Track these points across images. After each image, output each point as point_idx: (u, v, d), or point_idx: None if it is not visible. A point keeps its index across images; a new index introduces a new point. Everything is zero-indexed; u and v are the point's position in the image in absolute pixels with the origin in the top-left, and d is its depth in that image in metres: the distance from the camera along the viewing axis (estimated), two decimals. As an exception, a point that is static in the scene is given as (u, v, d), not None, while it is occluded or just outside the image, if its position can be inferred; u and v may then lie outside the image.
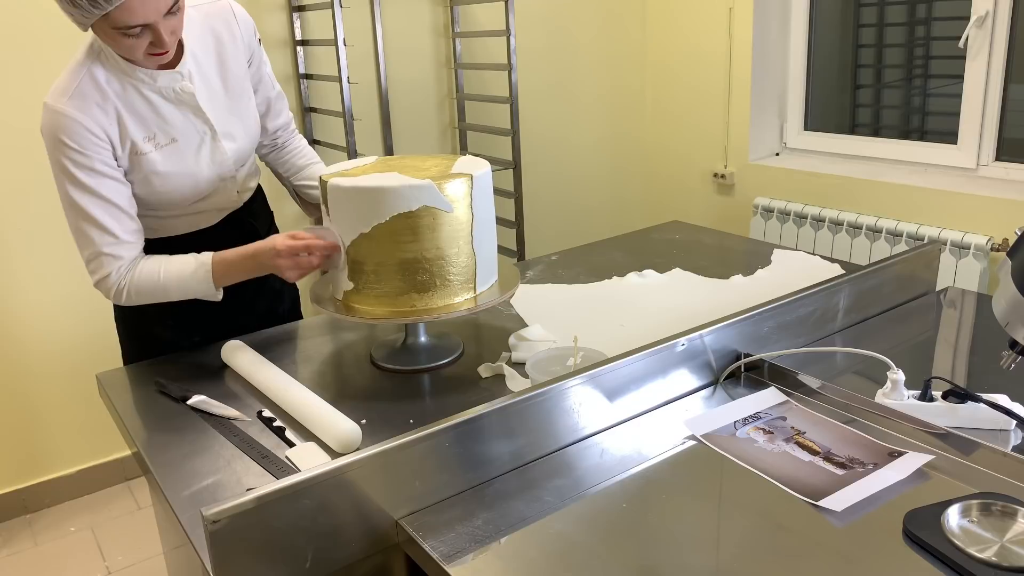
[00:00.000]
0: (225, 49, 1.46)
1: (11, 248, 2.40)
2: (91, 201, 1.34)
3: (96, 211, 1.35)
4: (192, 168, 1.43)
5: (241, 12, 1.49)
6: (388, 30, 2.90)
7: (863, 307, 1.54)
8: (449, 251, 1.30)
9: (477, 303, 1.33)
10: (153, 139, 1.38)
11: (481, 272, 1.36)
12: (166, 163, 1.40)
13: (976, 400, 1.13)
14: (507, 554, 0.93)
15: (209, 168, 1.45)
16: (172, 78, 1.37)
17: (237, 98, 1.49)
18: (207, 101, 1.43)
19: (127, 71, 1.34)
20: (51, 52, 2.33)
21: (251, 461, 1.14)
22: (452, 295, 1.33)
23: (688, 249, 2.01)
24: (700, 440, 1.14)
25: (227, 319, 1.58)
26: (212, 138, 1.44)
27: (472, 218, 1.31)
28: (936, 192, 2.67)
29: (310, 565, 0.95)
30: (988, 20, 2.58)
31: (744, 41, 3.16)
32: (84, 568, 2.34)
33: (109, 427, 2.67)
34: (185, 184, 1.43)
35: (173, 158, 1.40)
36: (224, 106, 1.46)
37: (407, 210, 1.26)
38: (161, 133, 1.39)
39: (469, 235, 1.32)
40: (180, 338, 1.55)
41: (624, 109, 3.60)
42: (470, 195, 1.30)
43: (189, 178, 1.43)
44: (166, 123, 1.39)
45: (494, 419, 1.06)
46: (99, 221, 1.35)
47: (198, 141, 1.43)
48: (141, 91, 1.36)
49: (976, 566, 0.84)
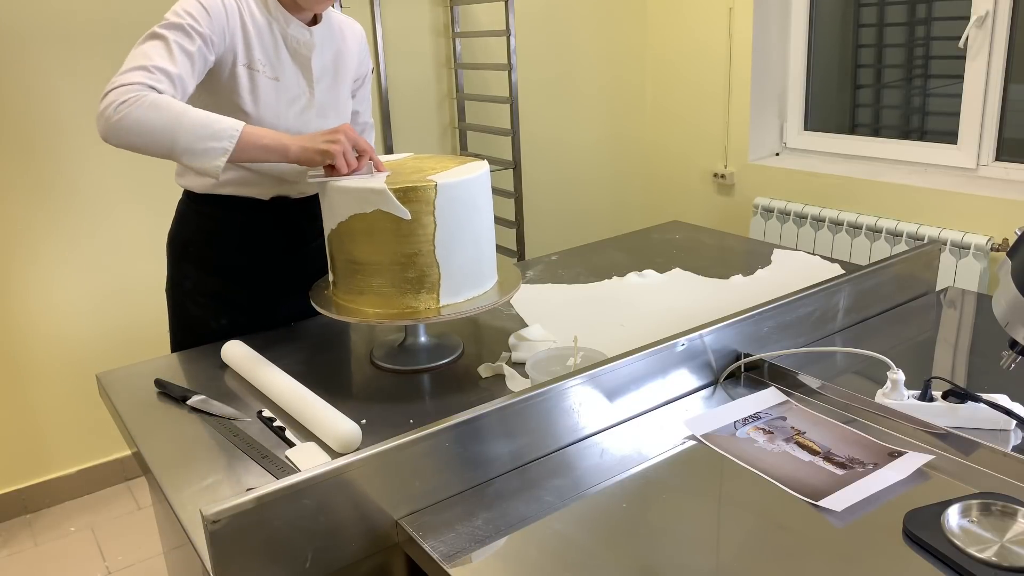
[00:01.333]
0: (344, 59, 1.59)
1: (12, 248, 2.40)
2: (180, 41, 1.33)
3: (177, 49, 1.33)
4: (281, 111, 1.49)
5: (366, 44, 1.67)
6: (388, 30, 2.90)
7: (863, 307, 1.54)
8: (404, 258, 1.28)
9: (440, 313, 1.30)
10: (264, 64, 1.46)
11: (448, 282, 1.31)
12: (263, 91, 1.46)
13: (976, 400, 1.13)
14: (507, 554, 0.93)
15: (295, 124, 1.51)
16: (301, 31, 1.49)
17: (339, 94, 1.59)
18: (318, 67, 1.53)
19: (270, 7, 1.46)
20: (52, 52, 2.33)
21: (251, 461, 1.14)
22: (409, 302, 1.31)
23: (688, 249, 2.01)
24: (700, 440, 1.14)
25: (258, 310, 1.63)
26: (308, 100, 1.53)
27: (436, 227, 1.28)
28: (936, 192, 2.67)
29: (310, 565, 0.95)
30: (988, 20, 2.58)
31: (744, 41, 3.16)
32: (84, 568, 2.34)
33: (109, 427, 2.67)
34: (268, 119, 1.48)
35: (270, 91, 1.47)
36: (329, 85, 1.56)
37: (361, 212, 1.27)
38: (270, 66, 1.47)
39: (431, 244, 1.28)
40: (209, 317, 1.60)
41: (624, 109, 3.60)
42: (434, 204, 1.27)
43: (274, 117, 1.49)
44: (280, 62, 1.48)
45: (494, 419, 1.06)
46: (174, 53, 1.32)
47: (296, 93, 1.51)
48: (272, 28, 1.46)
49: (976, 566, 0.84)
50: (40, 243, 2.43)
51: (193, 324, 1.61)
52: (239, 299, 1.61)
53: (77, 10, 2.34)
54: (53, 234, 2.44)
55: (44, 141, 2.38)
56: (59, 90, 2.37)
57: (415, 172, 1.34)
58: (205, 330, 1.59)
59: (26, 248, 2.42)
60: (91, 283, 2.52)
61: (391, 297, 1.31)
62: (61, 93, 2.37)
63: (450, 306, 1.32)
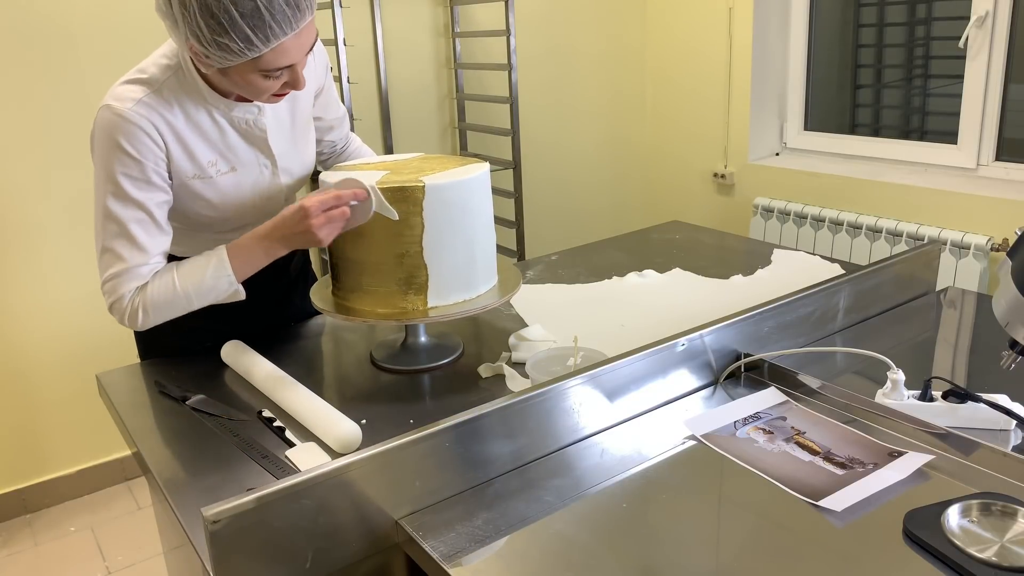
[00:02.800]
0: (298, 94, 1.43)
1: (12, 248, 2.40)
2: (132, 215, 1.27)
3: (135, 227, 1.27)
4: (245, 198, 1.40)
5: (319, 47, 1.46)
6: (388, 30, 2.90)
7: (863, 307, 1.54)
8: (392, 258, 1.28)
9: (428, 315, 1.30)
10: (215, 165, 1.35)
11: (436, 283, 1.30)
12: (221, 190, 1.36)
13: (976, 400, 1.13)
14: (507, 554, 0.93)
15: (261, 200, 1.42)
16: (248, 111, 1.35)
17: (302, 132, 1.47)
18: (275, 135, 1.40)
19: (205, 95, 1.30)
20: (52, 52, 2.33)
21: (251, 461, 1.14)
22: (397, 302, 1.30)
23: (688, 249, 2.01)
24: (700, 440, 1.14)
25: (244, 330, 1.55)
26: (272, 172, 1.42)
27: (423, 228, 1.27)
28: (936, 192, 2.67)
29: (310, 565, 0.95)
30: (988, 20, 2.58)
31: (744, 41, 3.16)
32: (84, 568, 2.34)
33: (109, 427, 2.67)
34: (232, 211, 1.40)
35: (229, 186, 1.37)
36: (289, 139, 1.44)
37: None
38: (223, 160, 1.36)
39: (419, 244, 1.27)
40: (192, 344, 1.51)
41: (624, 109, 3.60)
42: (421, 204, 1.26)
43: (239, 207, 1.40)
44: (231, 151, 1.36)
45: (494, 419, 1.06)
46: (135, 238, 1.27)
47: (257, 173, 1.40)
48: (213, 116, 1.32)
49: (976, 566, 0.84)
50: (41, 243, 2.43)
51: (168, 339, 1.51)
52: (226, 324, 1.53)
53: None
54: (54, 234, 2.44)
55: (44, 140, 2.38)
56: (57, 88, 2.37)
57: (414, 172, 1.33)
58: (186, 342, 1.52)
59: (26, 248, 2.42)
60: (91, 283, 2.52)
61: (384, 296, 1.31)
62: (60, 92, 2.37)
63: (438, 308, 1.31)
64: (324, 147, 1.66)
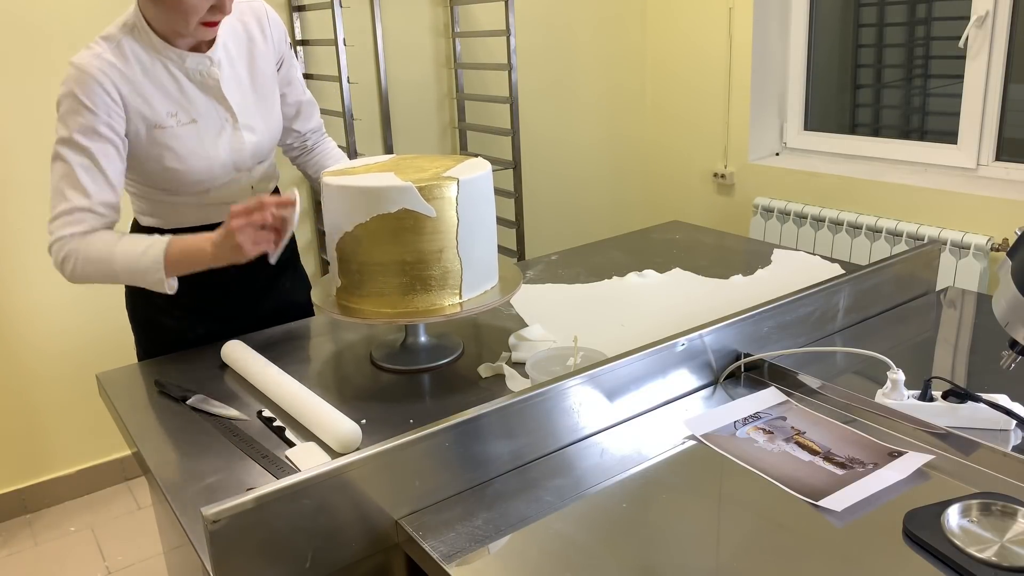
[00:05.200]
0: (256, 47, 1.51)
1: (12, 248, 2.40)
2: (78, 160, 1.32)
3: (80, 171, 1.32)
4: (209, 151, 1.44)
5: (274, 16, 1.55)
6: (388, 30, 2.90)
7: (863, 307, 1.54)
8: (429, 256, 1.28)
9: (463, 308, 1.31)
10: (175, 116, 1.40)
11: (469, 277, 1.33)
12: (184, 141, 1.41)
13: (976, 400, 1.13)
14: (507, 554, 0.93)
15: (226, 154, 1.46)
16: (200, 61, 1.41)
17: (263, 96, 1.52)
18: (233, 91, 1.46)
19: (158, 48, 1.38)
20: (57, 50, 2.33)
21: (251, 461, 1.14)
22: (433, 300, 1.31)
23: (688, 249, 2.01)
24: (700, 440, 1.14)
25: (234, 316, 1.60)
26: (233, 126, 1.47)
27: (458, 223, 1.29)
28: (936, 192, 2.67)
29: (310, 565, 0.95)
30: (988, 20, 2.58)
31: (744, 41, 3.16)
32: (84, 568, 2.34)
33: (109, 427, 2.67)
34: (200, 166, 1.43)
35: (192, 137, 1.42)
36: (250, 99, 1.50)
37: (386, 212, 1.25)
38: (183, 111, 1.41)
39: (454, 240, 1.29)
40: (185, 328, 1.56)
41: (624, 109, 3.60)
42: (456, 200, 1.28)
43: (204, 160, 1.44)
44: (189, 102, 1.42)
45: (494, 419, 1.06)
46: (79, 180, 1.32)
47: (218, 126, 1.45)
48: (168, 68, 1.39)
49: (976, 566, 0.84)
50: (41, 243, 2.43)
51: (166, 336, 1.56)
52: (216, 309, 1.58)
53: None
54: (53, 234, 2.44)
55: (44, 140, 2.38)
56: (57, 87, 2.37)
57: (418, 171, 1.33)
58: (180, 341, 1.55)
59: (26, 247, 2.42)
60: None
61: (413, 296, 1.30)
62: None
63: (471, 300, 1.34)
64: (293, 139, 1.68)
